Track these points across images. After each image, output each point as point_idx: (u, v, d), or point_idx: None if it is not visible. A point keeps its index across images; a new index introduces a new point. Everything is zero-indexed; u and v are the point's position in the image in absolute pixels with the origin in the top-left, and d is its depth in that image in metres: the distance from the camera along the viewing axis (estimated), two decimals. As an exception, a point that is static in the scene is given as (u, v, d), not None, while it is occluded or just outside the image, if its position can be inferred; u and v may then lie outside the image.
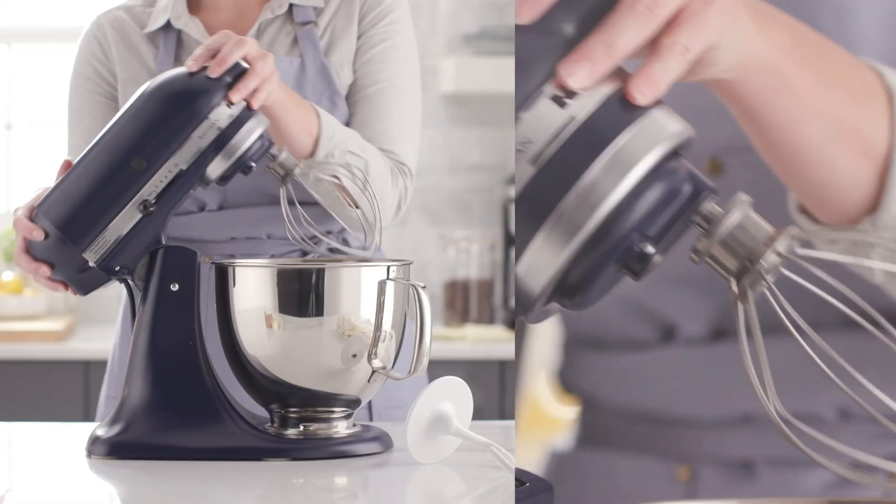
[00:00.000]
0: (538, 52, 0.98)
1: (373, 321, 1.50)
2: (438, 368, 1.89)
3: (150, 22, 1.87)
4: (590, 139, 0.97)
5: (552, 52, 0.98)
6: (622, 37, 0.98)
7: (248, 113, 1.54)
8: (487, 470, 1.46)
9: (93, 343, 3.42)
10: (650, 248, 0.99)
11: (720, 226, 1.01)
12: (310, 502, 1.38)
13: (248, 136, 1.53)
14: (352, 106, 1.85)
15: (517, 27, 0.98)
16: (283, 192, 1.61)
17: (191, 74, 1.54)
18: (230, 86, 1.53)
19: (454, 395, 1.50)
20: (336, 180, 1.71)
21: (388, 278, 1.51)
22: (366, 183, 1.72)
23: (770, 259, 1.00)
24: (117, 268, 1.54)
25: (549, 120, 0.97)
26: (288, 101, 1.67)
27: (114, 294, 3.93)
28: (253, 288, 1.51)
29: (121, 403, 1.53)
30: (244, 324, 1.51)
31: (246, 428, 1.51)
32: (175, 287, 1.53)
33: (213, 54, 1.55)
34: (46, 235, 1.54)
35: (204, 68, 1.54)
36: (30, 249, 1.56)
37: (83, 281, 1.56)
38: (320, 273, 1.50)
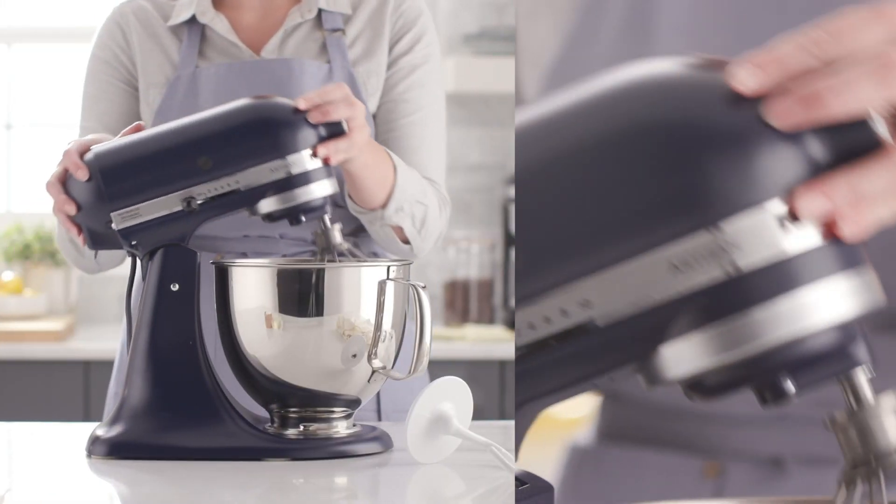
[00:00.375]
0: (778, 162, 0.96)
1: (373, 321, 1.50)
2: (438, 368, 1.89)
3: (174, 15, 1.87)
4: (795, 272, 0.96)
5: (792, 169, 0.96)
6: (870, 186, 0.95)
7: (323, 171, 1.53)
8: (487, 470, 1.46)
9: (93, 343, 3.42)
10: (791, 388, 0.99)
11: (866, 414, 1.01)
12: (310, 502, 1.38)
13: (311, 194, 1.52)
14: (397, 129, 1.85)
15: (763, 124, 0.96)
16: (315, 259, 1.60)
17: (295, 111, 1.53)
18: (322, 139, 1.53)
19: (454, 395, 1.50)
20: (400, 229, 1.76)
21: (388, 278, 1.51)
22: (423, 225, 1.77)
23: (893, 467, 1.00)
24: (133, 242, 1.54)
25: (765, 237, 0.96)
26: (371, 161, 1.67)
27: (114, 294, 3.94)
28: (253, 288, 1.51)
29: (121, 403, 1.53)
30: (244, 324, 1.51)
31: (246, 428, 1.51)
32: (175, 287, 1.53)
33: (323, 102, 1.54)
34: (89, 179, 1.54)
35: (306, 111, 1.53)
36: (65, 183, 1.55)
37: (98, 236, 1.55)
38: (320, 273, 1.50)
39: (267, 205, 1.52)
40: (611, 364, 1.00)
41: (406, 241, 1.79)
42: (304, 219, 1.53)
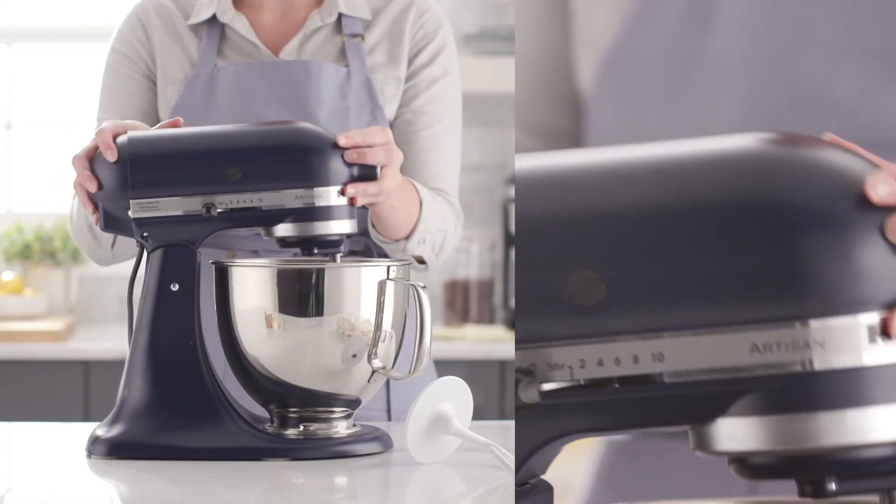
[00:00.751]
0: (886, 276, 0.97)
1: (373, 321, 1.50)
2: (438, 368, 1.89)
3: (195, 13, 1.87)
4: (871, 386, 0.97)
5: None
6: None
7: (346, 210, 1.53)
8: (487, 470, 1.46)
9: (93, 343, 3.42)
10: (833, 489, 1.00)
11: None
12: (310, 502, 1.38)
13: (329, 229, 1.53)
14: (415, 141, 1.85)
15: (881, 235, 0.96)
16: None
17: (334, 145, 1.53)
18: (353, 179, 1.54)
19: (454, 395, 1.50)
20: (420, 256, 1.77)
21: (388, 278, 1.51)
22: (441, 249, 1.79)
23: None
24: (145, 233, 1.53)
25: (851, 344, 0.96)
26: (399, 204, 1.68)
27: (114, 294, 3.94)
28: (253, 288, 1.51)
29: (121, 403, 1.53)
30: (244, 324, 1.51)
31: (246, 428, 1.51)
32: (175, 287, 1.53)
33: (364, 143, 1.54)
34: (117, 161, 1.53)
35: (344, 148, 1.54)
36: (92, 160, 1.55)
37: (112, 219, 1.54)
38: (320, 273, 1.50)
39: (283, 229, 1.53)
40: (665, 419, 1.01)
41: (422, 262, 1.81)
42: (316, 251, 1.54)
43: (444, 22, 1.91)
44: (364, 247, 1.82)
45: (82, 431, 1.59)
